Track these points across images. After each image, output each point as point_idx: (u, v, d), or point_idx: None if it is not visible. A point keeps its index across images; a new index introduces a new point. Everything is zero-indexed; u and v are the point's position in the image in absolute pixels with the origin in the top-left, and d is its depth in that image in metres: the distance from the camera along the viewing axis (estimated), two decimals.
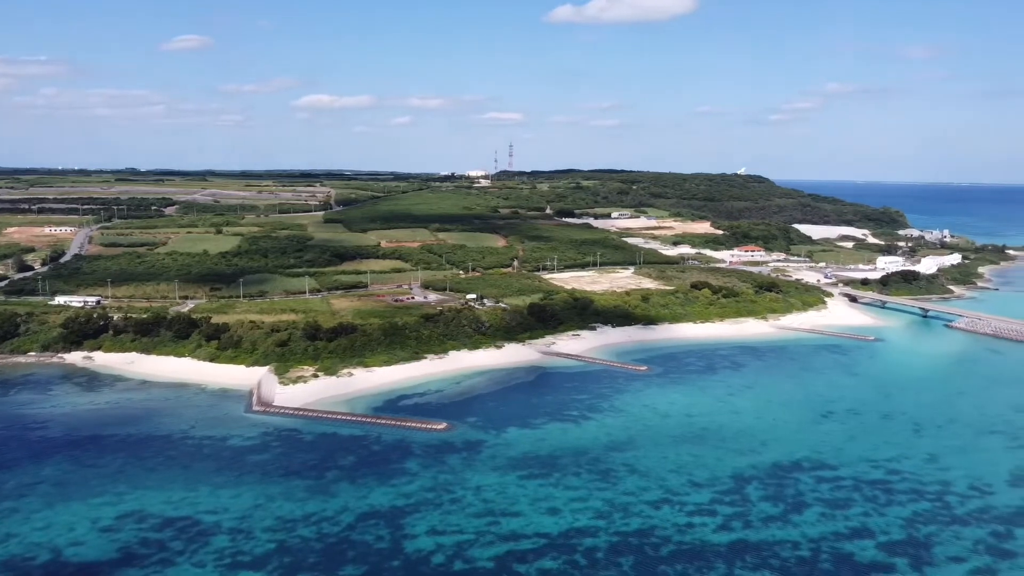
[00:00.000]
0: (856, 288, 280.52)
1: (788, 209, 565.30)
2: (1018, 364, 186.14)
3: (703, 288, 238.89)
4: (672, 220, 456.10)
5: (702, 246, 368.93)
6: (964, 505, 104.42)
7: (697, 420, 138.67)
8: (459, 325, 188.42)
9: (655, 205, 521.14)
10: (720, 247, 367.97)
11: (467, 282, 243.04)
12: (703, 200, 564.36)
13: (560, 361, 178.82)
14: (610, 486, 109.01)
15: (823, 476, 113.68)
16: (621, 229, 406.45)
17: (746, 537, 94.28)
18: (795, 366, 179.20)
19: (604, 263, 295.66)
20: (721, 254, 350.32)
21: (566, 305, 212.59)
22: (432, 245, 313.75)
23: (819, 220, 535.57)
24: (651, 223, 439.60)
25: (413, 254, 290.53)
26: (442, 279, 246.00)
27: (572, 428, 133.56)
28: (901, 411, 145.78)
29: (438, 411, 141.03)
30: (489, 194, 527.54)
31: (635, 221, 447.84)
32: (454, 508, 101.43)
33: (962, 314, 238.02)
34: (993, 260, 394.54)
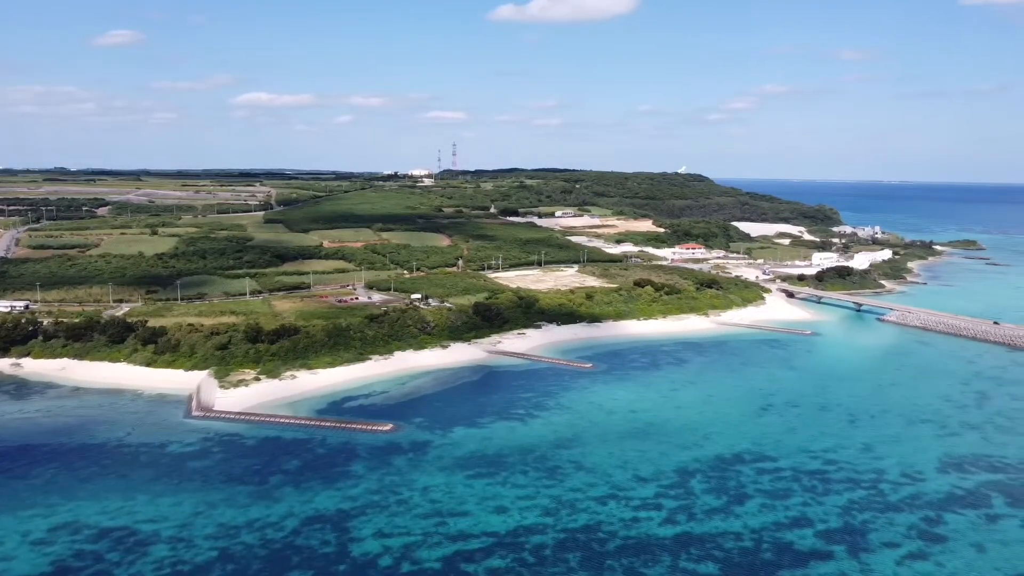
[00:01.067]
0: (793, 284, 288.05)
1: (727, 207, 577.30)
2: (945, 355, 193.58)
3: (646, 286, 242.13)
4: (615, 218, 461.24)
5: (644, 244, 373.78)
6: (897, 492, 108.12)
7: (642, 416, 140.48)
8: (404, 325, 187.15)
9: (598, 204, 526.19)
10: (662, 245, 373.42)
11: (412, 282, 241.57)
12: (645, 199, 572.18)
13: (506, 360, 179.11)
14: (557, 483, 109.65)
15: (764, 468, 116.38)
16: (565, 228, 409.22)
17: (691, 530, 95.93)
18: (736, 361, 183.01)
19: (549, 262, 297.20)
20: (663, 252, 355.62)
21: (511, 304, 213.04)
22: (376, 245, 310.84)
23: (757, 218, 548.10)
24: (594, 222, 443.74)
25: (357, 254, 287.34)
26: (386, 279, 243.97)
27: (519, 426, 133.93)
28: (837, 402, 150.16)
29: (384, 412, 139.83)
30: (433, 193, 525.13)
31: (579, 220, 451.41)
32: (401, 510, 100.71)
33: (893, 308, 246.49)
34: (921, 256, 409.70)
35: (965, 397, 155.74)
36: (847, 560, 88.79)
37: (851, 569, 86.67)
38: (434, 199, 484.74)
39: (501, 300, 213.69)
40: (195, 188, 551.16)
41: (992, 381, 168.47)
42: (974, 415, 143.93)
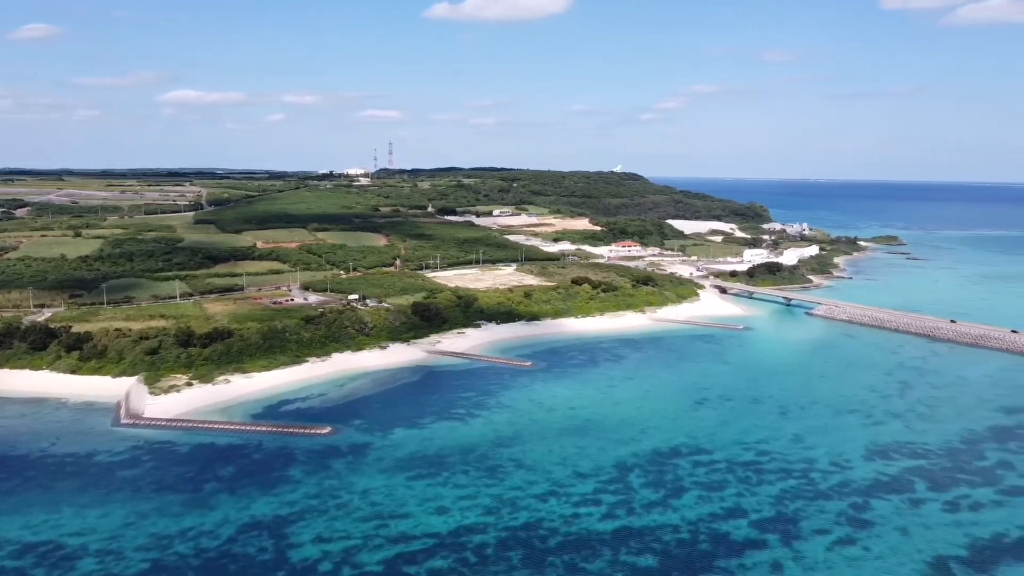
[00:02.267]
0: (726, 280, 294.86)
1: (662, 205, 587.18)
2: (870, 347, 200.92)
3: (583, 284, 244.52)
4: (552, 217, 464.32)
5: (581, 242, 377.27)
6: (826, 480, 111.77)
7: (580, 412, 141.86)
8: (342, 326, 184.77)
9: (535, 202, 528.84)
10: (599, 243, 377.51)
11: (349, 282, 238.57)
12: (581, 197, 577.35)
13: (446, 360, 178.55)
14: (498, 482, 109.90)
15: (699, 460, 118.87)
16: (503, 227, 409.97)
17: (630, 524, 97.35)
18: (671, 356, 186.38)
19: (487, 261, 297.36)
20: (600, 250, 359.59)
21: (450, 303, 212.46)
22: (311, 245, 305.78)
23: (691, 216, 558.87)
24: (532, 220, 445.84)
25: (291, 255, 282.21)
26: (323, 280, 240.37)
27: (459, 426, 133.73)
28: (768, 395, 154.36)
29: (322, 415, 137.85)
30: (369, 192, 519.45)
31: (516, 218, 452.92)
32: (340, 513, 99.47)
33: (821, 302, 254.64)
34: (847, 251, 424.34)
35: (889, 387, 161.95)
36: (780, 548, 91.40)
37: (784, 557, 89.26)
38: (371, 198, 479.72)
39: (440, 300, 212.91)
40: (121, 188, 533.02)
41: (913, 371, 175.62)
42: (897, 404, 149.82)
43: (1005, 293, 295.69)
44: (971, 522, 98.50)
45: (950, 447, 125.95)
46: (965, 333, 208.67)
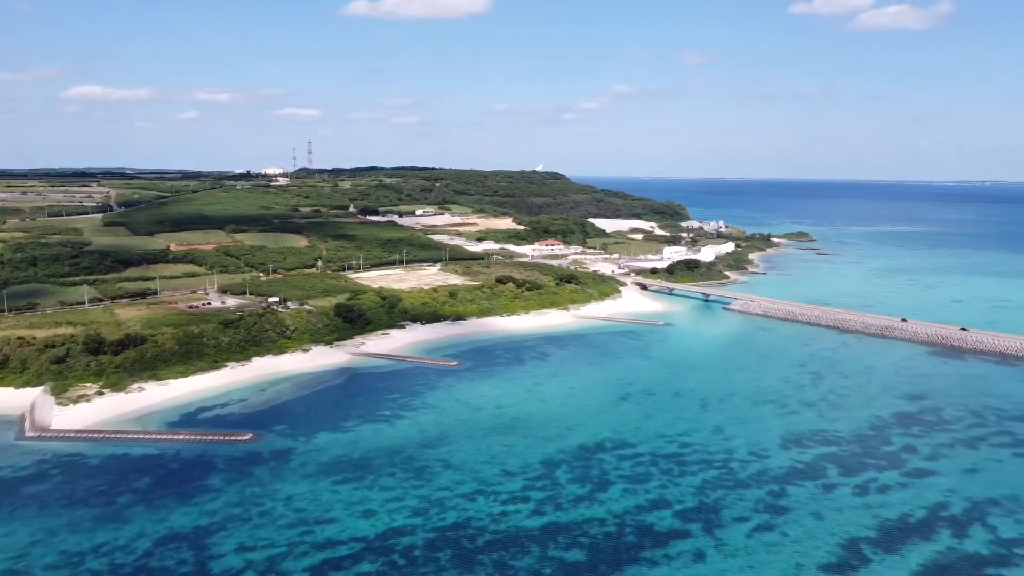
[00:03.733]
0: (647, 277, 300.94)
1: (584, 204, 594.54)
2: (784, 340, 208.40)
3: (508, 282, 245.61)
4: (476, 216, 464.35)
5: (505, 241, 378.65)
6: (745, 469, 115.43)
7: (507, 411, 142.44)
8: (262, 330, 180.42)
9: (458, 202, 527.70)
10: (522, 242, 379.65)
11: (269, 285, 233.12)
12: (504, 196, 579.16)
13: (370, 361, 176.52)
14: (425, 483, 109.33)
15: (624, 454, 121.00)
16: (426, 226, 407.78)
17: (557, 519, 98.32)
18: (595, 353, 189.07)
19: (411, 261, 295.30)
20: (523, 249, 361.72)
21: (374, 304, 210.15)
22: (229, 247, 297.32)
23: (611, 214, 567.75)
24: (455, 220, 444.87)
25: (208, 257, 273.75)
26: (241, 282, 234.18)
27: (385, 428, 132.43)
28: (689, 388, 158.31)
29: (242, 422, 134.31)
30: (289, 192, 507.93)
31: (440, 218, 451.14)
32: (264, 521, 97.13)
33: (737, 297, 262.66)
34: (761, 247, 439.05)
35: (802, 378, 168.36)
36: (703, 537, 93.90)
37: (706, 545, 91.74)
38: (290, 199, 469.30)
39: (363, 301, 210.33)
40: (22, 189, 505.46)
41: (824, 362, 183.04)
42: (810, 394, 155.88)
43: (908, 285, 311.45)
44: (879, 504, 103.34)
45: (859, 434, 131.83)
46: (871, 324, 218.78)
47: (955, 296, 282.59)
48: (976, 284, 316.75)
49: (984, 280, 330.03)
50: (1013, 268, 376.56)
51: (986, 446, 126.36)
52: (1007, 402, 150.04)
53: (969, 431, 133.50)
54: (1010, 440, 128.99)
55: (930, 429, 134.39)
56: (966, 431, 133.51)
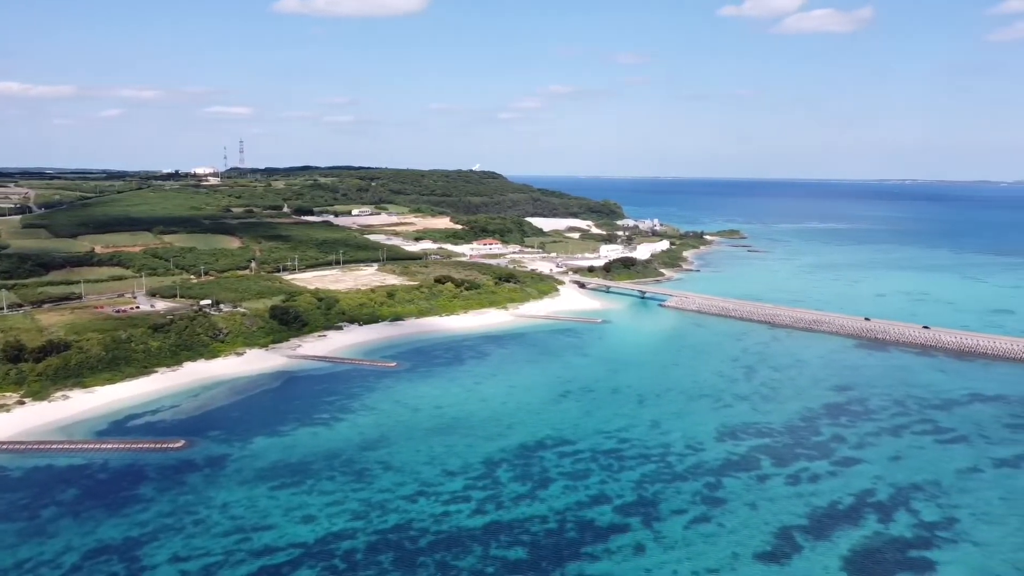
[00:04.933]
0: (584, 275, 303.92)
1: (521, 203, 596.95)
2: (717, 335, 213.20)
3: (446, 282, 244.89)
4: (413, 216, 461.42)
5: (443, 241, 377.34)
6: (682, 463, 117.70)
7: (447, 411, 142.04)
8: (193, 334, 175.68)
9: (395, 201, 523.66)
10: (460, 241, 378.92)
11: (200, 287, 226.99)
12: (441, 196, 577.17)
13: (307, 364, 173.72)
14: (366, 485, 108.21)
15: (564, 451, 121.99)
16: (363, 226, 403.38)
17: (499, 518, 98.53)
18: (534, 351, 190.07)
19: (348, 261, 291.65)
20: (462, 248, 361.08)
21: (310, 306, 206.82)
22: (157, 249, 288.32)
23: (549, 213, 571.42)
24: (392, 219, 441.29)
25: (135, 260, 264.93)
26: (171, 285, 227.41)
27: (323, 431, 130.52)
28: (627, 385, 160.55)
29: (174, 428, 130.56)
30: (220, 193, 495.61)
31: (376, 218, 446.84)
32: (198, 530, 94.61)
33: (672, 294, 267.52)
34: (695, 245, 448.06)
35: (735, 372, 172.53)
36: (642, 530, 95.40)
37: (646, 538, 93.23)
38: (221, 199, 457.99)
39: (299, 302, 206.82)
40: None
41: (756, 356, 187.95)
42: (743, 387, 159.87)
43: (835, 281, 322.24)
44: (810, 493, 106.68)
45: (791, 425, 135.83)
46: (800, 319, 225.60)
47: (879, 290, 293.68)
48: (898, 278, 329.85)
49: (905, 274, 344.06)
50: (931, 263, 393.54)
51: (909, 434, 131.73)
52: (928, 391, 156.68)
53: (893, 420, 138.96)
54: (931, 428, 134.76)
55: (857, 419, 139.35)
56: (890, 420, 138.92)
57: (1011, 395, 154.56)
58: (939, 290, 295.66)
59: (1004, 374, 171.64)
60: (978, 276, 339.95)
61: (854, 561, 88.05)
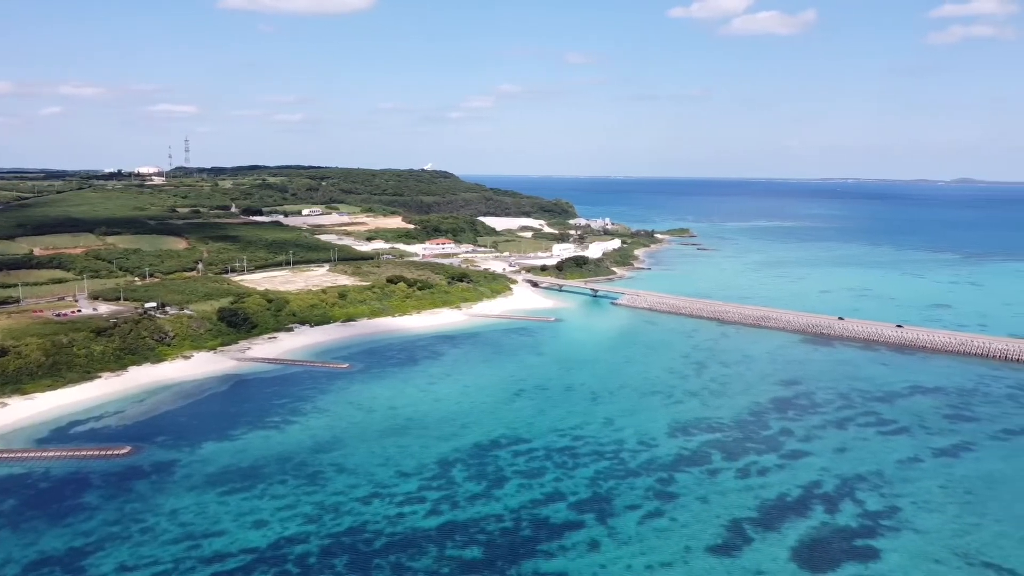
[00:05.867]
0: (537, 274, 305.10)
1: (473, 203, 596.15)
2: (669, 332, 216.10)
3: (399, 282, 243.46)
4: (364, 216, 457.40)
5: (395, 241, 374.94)
6: (635, 459, 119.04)
7: (401, 411, 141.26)
8: (139, 337, 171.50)
9: (346, 201, 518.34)
10: (413, 241, 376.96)
11: (146, 290, 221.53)
12: (393, 195, 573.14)
13: (257, 366, 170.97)
14: (319, 488, 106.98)
15: (519, 450, 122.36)
16: (313, 226, 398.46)
17: (454, 518, 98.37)
18: (488, 350, 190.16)
19: (298, 262, 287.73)
20: (414, 248, 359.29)
21: (260, 307, 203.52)
22: (100, 251, 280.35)
23: (501, 212, 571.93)
24: (344, 219, 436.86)
25: (77, 262, 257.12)
26: (115, 288, 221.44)
27: (275, 434, 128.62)
28: (580, 382, 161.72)
29: (119, 435, 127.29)
30: (165, 193, 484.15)
31: (327, 218, 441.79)
32: (146, 538, 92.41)
33: (624, 292, 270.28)
34: (645, 243, 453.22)
35: (686, 368, 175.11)
36: (596, 527, 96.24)
37: (600, 535, 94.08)
38: (167, 199, 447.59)
39: (248, 304, 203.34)
40: None
41: (707, 352, 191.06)
42: (694, 383, 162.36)
43: (780, 278, 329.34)
44: (760, 486, 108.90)
45: (740, 419, 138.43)
46: (748, 315, 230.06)
47: (824, 287, 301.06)
48: (841, 275, 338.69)
49: (848, 271, 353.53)
50: (873, 259, 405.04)
51: (853, 426, 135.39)
52: (871, 384, 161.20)
53: (838, 413, 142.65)
54: (875, 420, 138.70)
55: (804, 412, 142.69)
56: (836, 413, 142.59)
57: (949, 387, 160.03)
58: (881, 286, 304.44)
59: (942, 367, 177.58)
60: (918, 272, 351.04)
61: (802, 552, 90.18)
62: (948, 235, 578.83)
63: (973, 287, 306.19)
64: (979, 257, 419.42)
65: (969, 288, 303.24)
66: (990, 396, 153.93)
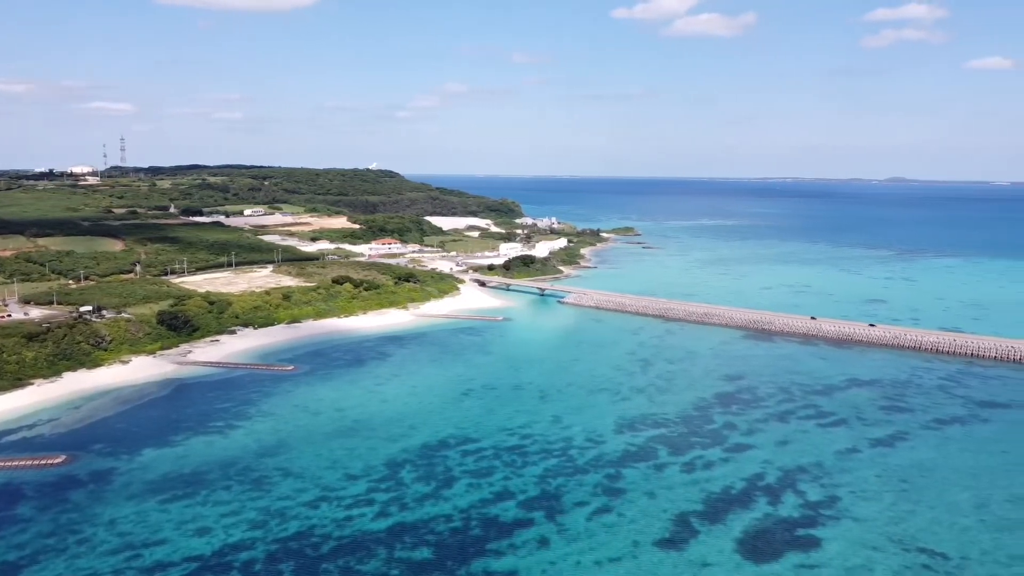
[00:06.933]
0: (484, 273, 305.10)
1: (419, 202, 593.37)
2: (615, 330, 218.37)
3: (345, 283, 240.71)
4: (308, 216, 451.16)
5: (341, 241, 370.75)
6: (583, 456, 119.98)
7: (348, 413, 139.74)
8: (74, 342, 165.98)
9: (290, 201, 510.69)
10: (358, 241, 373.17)
11: (80, 293, 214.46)
12: (337, 195, 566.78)
13: (199, 370, 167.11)
14: (264, 493, 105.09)
15: (467, 450, 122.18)
16: (256, 227, 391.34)
17: (403, 519, 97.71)
18: (436, 350, 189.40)
19: (240, 263, 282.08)
20: (360, 248, 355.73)
21: (201, 310, 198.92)
22: (31, 253, 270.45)
23: (448, 212, 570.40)
24: (287, 220, 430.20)
25: (6, 265, 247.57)
26: (47, 291, 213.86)
27: (218, 439, 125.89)
28: (529, 381, 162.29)
29: (54, 443, 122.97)
30: (100, 193, 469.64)
31: (270, 218, 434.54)
32: (83, 550, 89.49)
33: (571, 291, 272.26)
34: (591, 242, 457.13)
35: (632, 365, 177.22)
36: (546, 524, 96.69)
37: (549, 532, 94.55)
38: (102, 199, 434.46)
39: (189, 307, 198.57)
40: None
41: (652, 349, 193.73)
42: (640, 380, 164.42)
43: (723, 275, 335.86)
44: (705, 479, 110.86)
45: (685, 415, 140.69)
46: (692, 312, 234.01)
47: (764, 284, 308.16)
48: (781, 272, 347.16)
49: (787, 268, 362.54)
50: (811, 256, 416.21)
51: (794, 419, 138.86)
52: (810, 378, 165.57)
53: (780, 406, 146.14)
54: (814, 412, 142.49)
55: (747, 407, 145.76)
56: (777, 406, 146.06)
57: (884, 379, 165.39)
58: (820, 282, 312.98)
59: (878, 360, 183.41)
60: (854, 269, 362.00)
61: (746, 542, 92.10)
62: (882, 232, 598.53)
63: (906, 283, 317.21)
64: (912, 253, 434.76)
65: (903, 283, 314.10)
66: (923, 387, 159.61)
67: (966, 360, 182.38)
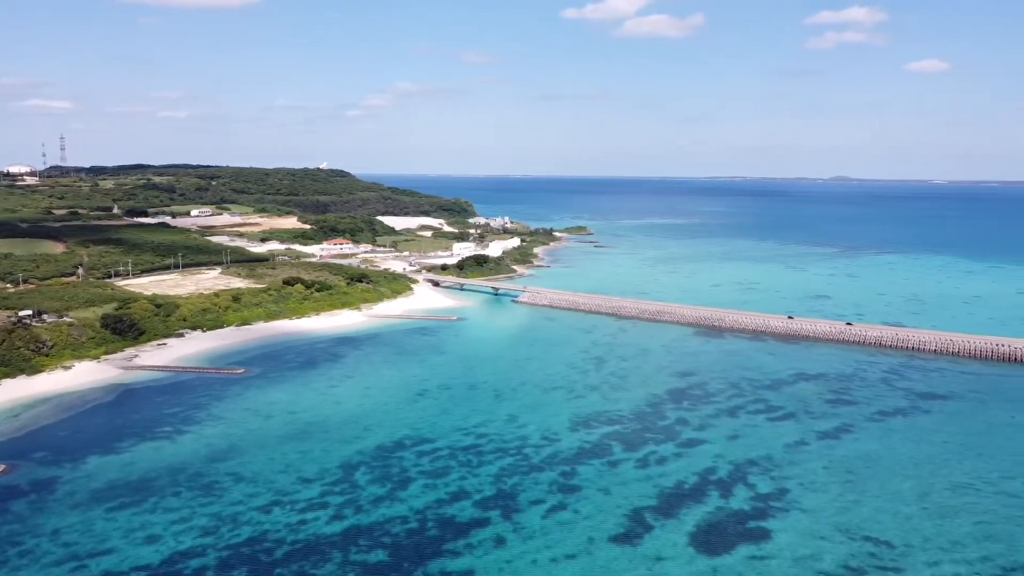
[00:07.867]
0: (438, 273, 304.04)
1: (371, 202, 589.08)
2: (569, 328, 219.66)
3: (296, 284, 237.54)
4: (258, 216, 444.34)
5: (291, 241, 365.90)
6: (539, 454, 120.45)
7: (301, 416, 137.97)
8: (12, 348, 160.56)
9: (239, 201, 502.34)
10: (309, 242, 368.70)
11: (19, 297, 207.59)
12: (287, 195, 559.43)
13: (145, 375, 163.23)
14: (215, 499, 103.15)
15: (423, 450, 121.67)
16: (203, 227, 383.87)
17: (358, 522, 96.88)
18: (390, 351, 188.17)
19: (188, 265, 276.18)
20: (311, 248, 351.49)
21: (147, 313, 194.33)
22: None
23: (400, 212, 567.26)
24: (236, 220, 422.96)
25: None
26: None
27: (166, 445, 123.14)
28: (483, 380, 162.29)
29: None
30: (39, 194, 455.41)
31: (218, 218, 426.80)
32: (26, 562, 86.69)
33: (525, 290, 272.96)
34: (544, 242, 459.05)
35: (586, 363, 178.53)
36: (502, 523, 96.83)
37: (505, 531, 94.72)
38: (41, 200, 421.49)
39: (135, 310, 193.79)
40: None
41: (605, 347, 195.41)
42: (594, 378, 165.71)
43: (674, 273, 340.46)
44: (658, 475, 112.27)
45: (638, 411, 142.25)
46: (644, 310, 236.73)
47: (714, 281, 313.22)
48: (730, 269, 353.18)
49: (736, 265, 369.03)
50: (759, 254, 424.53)
51: (744, 414, 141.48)
52: (759, 373, 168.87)
53: (730, 401, 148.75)
54: (764, 407, 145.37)
55: (698, 402, 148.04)
56: (727, 401, 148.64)
57: (830, 373, 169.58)
58: (767, 279, 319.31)
59: (824, 354, 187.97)
60: (800, 265, 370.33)
61: (699, 536, 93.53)
62: (826, 230, 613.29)
63: (850, 279, 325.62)
64: (855, 250, 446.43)
65: (846, 280, 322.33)
66: (867, 381, 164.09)
67: (908, 353, 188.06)
